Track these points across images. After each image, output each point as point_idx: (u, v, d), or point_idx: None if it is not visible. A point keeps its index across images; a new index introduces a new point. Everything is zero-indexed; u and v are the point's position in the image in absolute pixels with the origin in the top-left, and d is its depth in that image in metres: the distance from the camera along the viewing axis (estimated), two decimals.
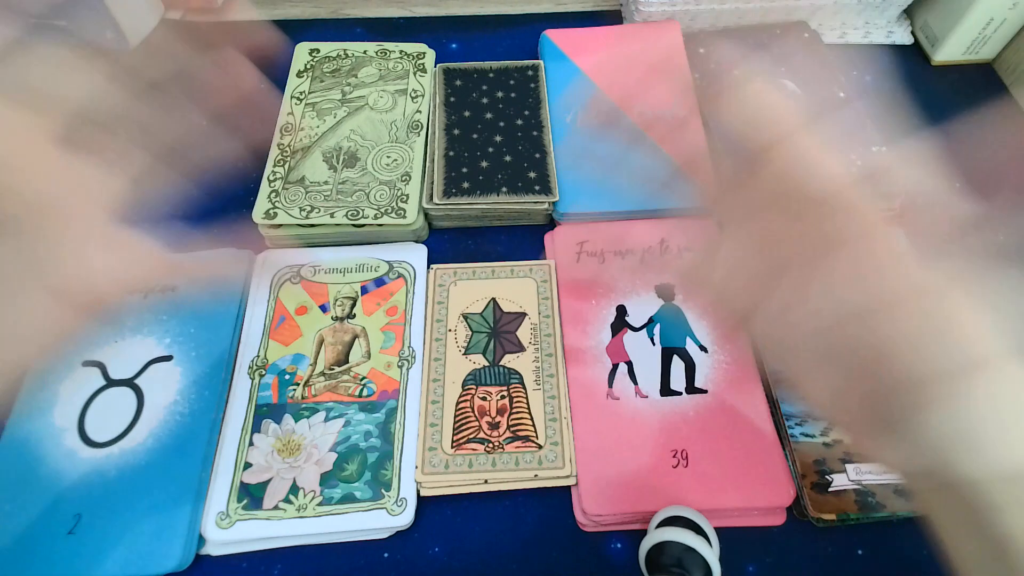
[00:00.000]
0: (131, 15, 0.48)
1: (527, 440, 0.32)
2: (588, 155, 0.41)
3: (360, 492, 0.31)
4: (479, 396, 0.33)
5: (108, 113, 0.25)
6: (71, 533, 0.29)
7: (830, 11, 0.48)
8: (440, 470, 0.31)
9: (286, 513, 0.30)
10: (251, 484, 0.31)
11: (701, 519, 0.28)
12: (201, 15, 0.52)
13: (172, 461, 0.31)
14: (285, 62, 0.45)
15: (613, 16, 0.52)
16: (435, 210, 0.39)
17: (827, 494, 0.31)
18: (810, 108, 0.23)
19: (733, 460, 0.32)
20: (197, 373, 0.33)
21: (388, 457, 0.32)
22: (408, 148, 0.41)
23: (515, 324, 0.36)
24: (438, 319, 0.36)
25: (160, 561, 0.29)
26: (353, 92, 0.43)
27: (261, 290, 0.37)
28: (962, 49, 0.48)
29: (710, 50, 0.47)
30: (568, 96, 0.44)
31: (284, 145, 0.41)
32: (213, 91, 0.28)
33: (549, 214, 0.40)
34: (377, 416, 0.33)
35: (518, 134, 0.41)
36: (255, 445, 0.32)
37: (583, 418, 0.33)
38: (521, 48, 0.50)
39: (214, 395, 0.33)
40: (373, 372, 0.34)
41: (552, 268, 0.38)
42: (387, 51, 0.46)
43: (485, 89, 0.44)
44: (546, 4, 0.54)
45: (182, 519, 0.30)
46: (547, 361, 0.34)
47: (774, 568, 0.30)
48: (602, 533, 0.31)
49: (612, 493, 0.31)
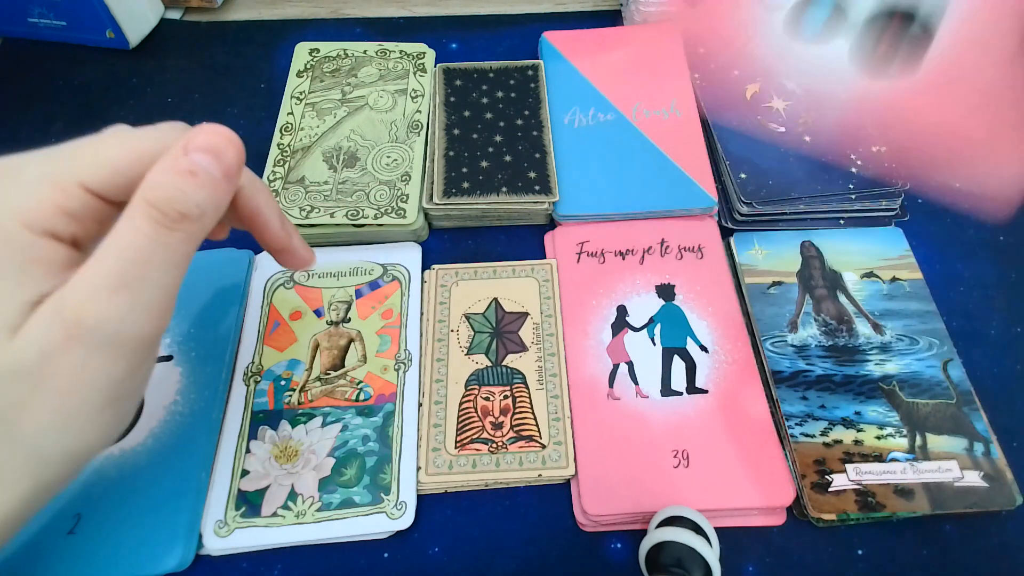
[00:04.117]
0: (131, 15, 0.48)
1: (531, 440, 0.32)
2: (588, 155, 0.41)
3: (359, 497, 0.31)
4: (482, 396, 0.33)
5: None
6: (71, 533, 0.29)
7: None
8: (444, 470, 0.31)
9: (285, 520, 0.30)
10: (249, 491, 0.31)
11: (701, 519, 0.28)
12: (201, 15, 0.52)
13: (172, 461, 0.31)
14: (285, 62, 0.45)
15: (613, 16, 0.52)
16: (435, 210, 0.39)
17: (827, 494, 0.31)
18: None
19: (733, 460, 0.32)
20: (197, 373, 0.33)
21: (387, 461, 0.32)
22: (408, 148, 0.41)
23: (517, 324, 0.36)
24: (440, 319, 0.36)
25: (160, 561, 0.29)
26: (353, 92, 0.43)
27: (254, 296, 0.37)
28: None
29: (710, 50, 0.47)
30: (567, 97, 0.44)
31: (284, 145, 0.41)
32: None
33: (549, 214, 0.40)
34: (375, 420, 0.33)
35: (518, 134, 0.41)
36: (252, 452, 0.32)
37: (583, 418, 0.33)
38: (521, 48, 0.50)
39: (214, 395, 0.33)
40: (369, 376, 0.34)
41: (553, 267, 0.38)
42: (387, 51, 0.46)
43: (485, 89, 0.44)
44: (546, 4, 0.54)
45: (182, 519, 0.30)
46: (550, 360, 0.34)
47: (774, 568, 0.30)
48: (602, 533, 0.31)
49: (612, 493, 0.31)
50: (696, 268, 0.38)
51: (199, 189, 0.20)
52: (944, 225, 0.41)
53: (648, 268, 0.38)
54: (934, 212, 0.42)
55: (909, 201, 0.42)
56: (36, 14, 0.47)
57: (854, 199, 0.39)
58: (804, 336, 0.35)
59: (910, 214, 0.41)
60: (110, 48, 0.49)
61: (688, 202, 0.39)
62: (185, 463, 0.31)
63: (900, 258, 0.38)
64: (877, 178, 0.39)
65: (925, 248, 0.40)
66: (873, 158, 0.40)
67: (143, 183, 0.20)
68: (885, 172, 0.40)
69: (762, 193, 0.39)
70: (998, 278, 0.39)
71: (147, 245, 0.20)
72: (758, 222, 0.40)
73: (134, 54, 0.49)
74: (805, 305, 0.36)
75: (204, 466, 0.31)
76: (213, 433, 0.32)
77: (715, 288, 0.37)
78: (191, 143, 0.20)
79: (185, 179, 0.20)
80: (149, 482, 0.30)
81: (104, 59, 0.48)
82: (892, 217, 0.40)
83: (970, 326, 0.37)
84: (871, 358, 0.34)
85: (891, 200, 0.40)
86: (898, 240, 0.39)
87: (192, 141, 0.21)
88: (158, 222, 0.20)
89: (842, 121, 0.42)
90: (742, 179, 0.40)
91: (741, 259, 0.38)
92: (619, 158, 0.41)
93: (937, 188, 0.42)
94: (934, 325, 0.36)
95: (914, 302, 0.37)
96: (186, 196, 0.20)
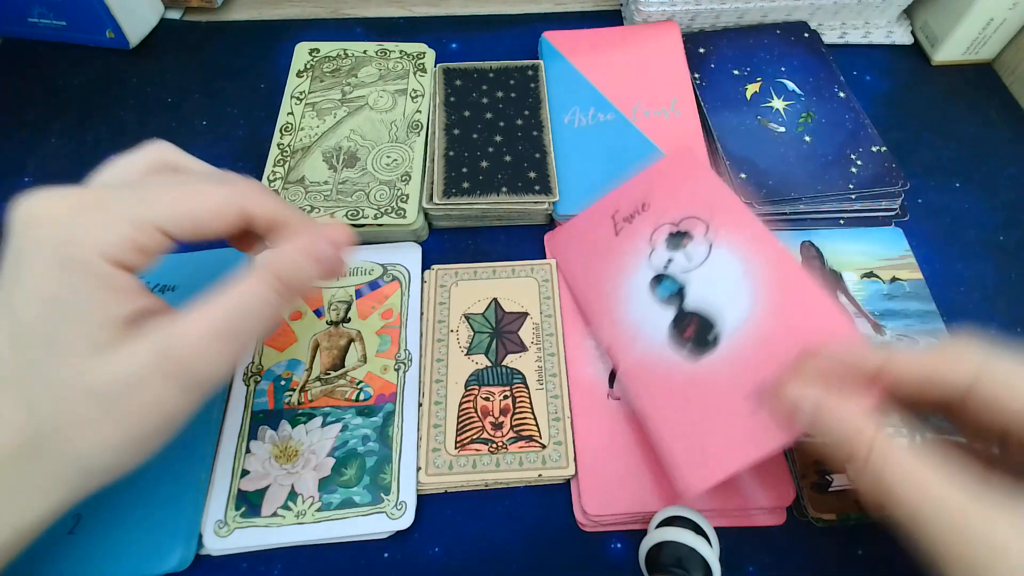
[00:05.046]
0: (131, 15, 0.48)
1: (531, 440, 0.32)
2: (588, 155, 0.41)
3: (359, 497, 0.31)
4: (482, 396, 0.33)
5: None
6: (71, 533, 0.29)
7: (830, 11, 0.48)
8: (444, 471, 0.31)
9: (285, 520, 0.30)
10: (249, 491, 0.31)
11: (701, 519, 0.28)
12: (201, 15, 0.52)
13: (172, 461, 0.31)
14: (285, 62, 0.45)
15: (613, 16, 0.52)
16: (435, 210, 0.39)
17: (827, 494, 0.31)
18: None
19: None
20: None
21: (387, 461, 0.32)
22: (408, 148, 0.41)
23: (517, 324, 0.36)
24: (440, 320, 0.36)
25: (160, 561, 0.29)
26: (353, 92, 0.43)
27: None
28: (962, 49, 0.48)
29: (710, 51, 0.47)
30: (567, 97, 0.44)
31: (284, 145, 0.41)
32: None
33: (549, 214, 0.40)
34: (375, 420, 0.33)
35: (518, 134, 0.41)
36: (252, 452, 0.32)
37: (583, 418, 0.33)
38: (521, 48, 0.50)
39: (214, 395, 0.33)
40: (369, 376, 0.34)
41: (553, 267, 0.38)
42: (387, 51, 0.46)
43: (485, 89, 0.44)
44: (546, 4, 0.54)
45: (182, 519, 0.30)
46: (549, 360, 0.34)
47: (774, 568, 0.30)
48: (602, 533, 0.31)
49: (612, 493, 0.31)
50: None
51: (319, 272, 0.24)
52: (944, 225, 0.41)
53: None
54: (934, 212, 0.42)
55: (909, 201, 0.42)
56: (36, 14, 0.47)
57: (854, 199, 0.39)
58: None
59: (910, 214, 0.41)
60: (110, 48, 0.49)
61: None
62: (185, 463, 0.31)
63: (900, 258, 0.38)
64: (877, 178, 0.39)
65: (925, 248, 0.40)
66: (873, 158, 0.40)
67: (274, 256, 0.24)
68: (885, 172, 0.40)
69: (762, 193, 0.39)
70: (998, 278, 0.39)
71: (261, 307, 0.23)
72: None
73: (134, 54, 0.49)
74: None
75: (204, 466, 0.31)
76: (213, 433, 0.32)
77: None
78: (324, 235, 0.25)
79: (312, 264, 0.24)
80: (149, 482, 0.30)
81: (104, 59, 0.48)
82: (892, 217, 0.40)
83: (970, 326, 0.37)
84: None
85: (891, 200, 0.40)
86: (898, 240, 0.39)
87: (325, 233, 0.25)
88: (278, 291, 0.23)
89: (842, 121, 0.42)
90: (742, 179, 0.40)
91: None
92: (619, 158, 0.41)
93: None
94: (934, 325, 0.36)
95: (914, 302, 0.37)
96: (308, 276, 0.24)
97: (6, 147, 0.44)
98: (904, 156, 0.44)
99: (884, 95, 0.48)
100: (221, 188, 0.24)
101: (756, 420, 0.28)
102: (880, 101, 0.47)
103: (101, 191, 0.23)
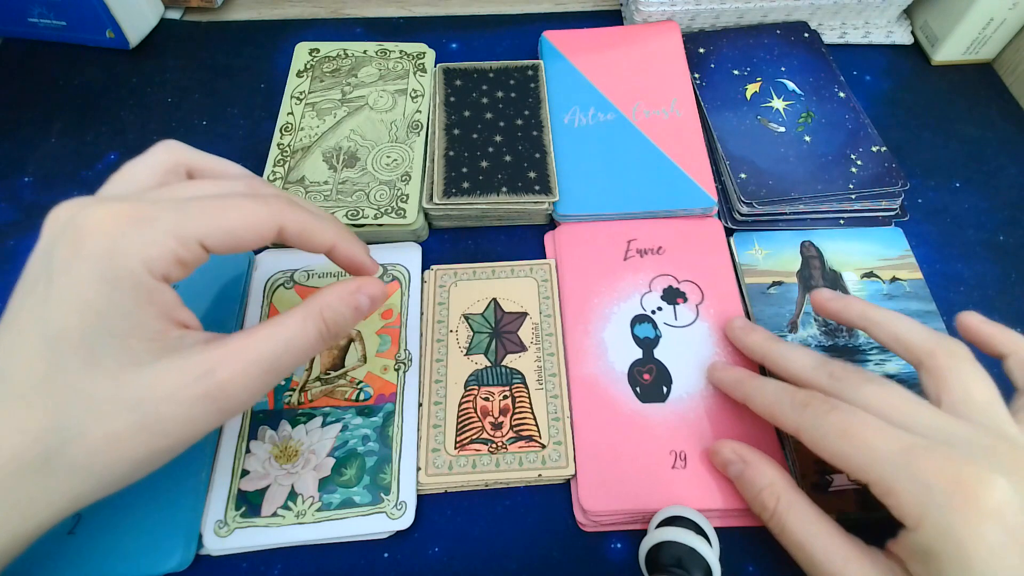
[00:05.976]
0: (131, 15, 0.48)
1: (530, 440, 0.32)
2: (588, 155, 0.41)
3: (359, 497, 0.31)
4: (481, 396, 0.33)
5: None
6: (71, 533, 0.29)
7: (830, 11, 0.48)
8: (444, 471, 0.31)
9: (284, 520, 0.30)
10: (249, 491, 0.31)
11: (701, 519, 0.28)
12: (201, 15, 0.52)
13: (172, 461, 0.30)
14: (285, 62, 0.45)
15: (613, 16, 0.52)
16: (435, 210, 0.39)
17: (827, 494, 0.31)
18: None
19: None
20: None
21: (387, 461, 0.32)
22: (408, 148, 0.41)
23: (516, 324, 0.36)
24: (439, 320, 0.36)
25: (160, 561, 0.29)
26: (353, 92, 0.43)
27: (254, 296, 0.37)
28: (962, 49, 0.48)
29: (710, 51, 0.47)
30: (567, 97, 0.44)
31: (284, 145, 0.41)
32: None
33: (549, 214, 0.40)
34: (375, 420, 0.33)
35: (518, 134, 0.41)
36: (252, 452, 0.32)
37: (583, 418, 0.33)
38: (521, 48, 0.50)
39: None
40: (369, 376, 0.34)
41: (552, 267, 0.38)
42: (387, 51, 0.46)
43: (485, 89, 0.44)
44: (546, 4, 0.54)
45: (182, 519, 0.30)
46: (549, 360, 0.34)
47: (774, 568, 0.30)
48: (602, 533, 0.31)
49: (612, 493, 0.31)
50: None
51: (357, 320, 0.27)
52: (944, 225, 0.41)
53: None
54: (934, 212, 0.42)
55: (909, 201, 0.42)
56: (36, 14, 0.47)
57: (854, 199, 0.39)
58: (804, 336, 0.35)
59: (910, 214, 0.41)
60: (110, 48, 0.49)
61: (688, 202, 0.39)
62: (185, 463, 0.31)
63: (900, 258, 0.38)
64: (877, 178, 0.39)
65: (925, 248, 0.40)
66: (873, 158, 0.40)
67: (322, 301, 0.25)
68: (885, 172, 0.40)
69: (762, 193, 0.39)
70: (998, 278, 0.39)
71: (303, 345, 0.24)
72: (758, 222, 0.40)
73: (134, 54, 0.49)
74: (805, 305, 0.36)
75: (204, 466, 0.31)
76: (213, 433, 0.32)
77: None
78: (363, 288, 0.27)
79: (353, 313, 0.26)
80: (149, 482, 0.30)
81: (104, 59, 0.48)
82: (892, 217, 0.40)
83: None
84: (871, 358, 0.34)
85: (891, 200, 0.40)
86: (898, 240, 0.39)
87: (364, 287, 0.27)
88: (321, 332, 0.25)
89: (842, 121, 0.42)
90: (742, 179, 0.40)
91: (741, 259, 0.38)
92: (619, 158, 0.41)
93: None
94: (934, 325, 0.36)
95: (914, 302, 0.37)
96: (349, 324, 0.26)
97: (6, 147, 0.44)
98: (904, 156, 0.44)
99: (884, 95, 0.48)
100: (262, 207, 0.24)
101: (670, 475, 0.31)
102: (880, 101, 0.47)
103: (147, 205, 0.23)
